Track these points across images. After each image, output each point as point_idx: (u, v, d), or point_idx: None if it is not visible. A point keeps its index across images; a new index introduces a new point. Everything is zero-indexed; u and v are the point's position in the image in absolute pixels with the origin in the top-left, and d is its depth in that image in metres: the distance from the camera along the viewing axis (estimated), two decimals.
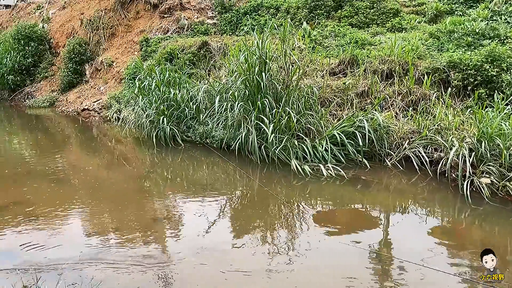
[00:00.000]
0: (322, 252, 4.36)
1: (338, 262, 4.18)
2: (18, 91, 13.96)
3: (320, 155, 6.58)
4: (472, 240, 4.67)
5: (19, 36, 13.69)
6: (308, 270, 4.02)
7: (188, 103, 8.21)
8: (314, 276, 3.92)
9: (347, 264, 4.12)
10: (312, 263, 4.13)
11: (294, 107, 7.03)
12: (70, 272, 3.91)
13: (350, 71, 8.10)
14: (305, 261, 4.15)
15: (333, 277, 3.88)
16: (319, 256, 4.27)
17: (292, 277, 3.91)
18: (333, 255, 4.32)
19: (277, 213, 5.51)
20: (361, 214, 5.38)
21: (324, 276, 3.91)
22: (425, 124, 6.50)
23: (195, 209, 5.53)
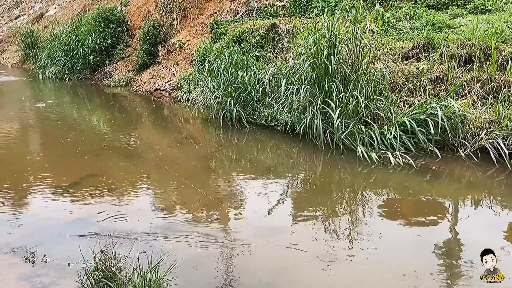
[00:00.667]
0: (384, 242, 4.26)
1: (400, 255, 4.06)
2: (98, 70, 14.92)
3: (388, 142, 6.37)
4: None
5: (100, 19, 14.55)
6: (368, 260, 3.96)
7: (255, 85, 8.29)
8: (374, 266, 3.86)
9: (408, 258, 3.99)
10: (373, 253, 4.06)
11: (362, 91, 6.83)
12: (141, 241, 4.20)
13: (424, 56, 7.68)
14: (366, 251, 4.09)
15: (393, 270, 3.77)
16: (380, 246, 4.17)
17: (352, 265, 3.89)
18: (395, 247, 4.20)
19: (339, 200, 5.47)
20: (429, 206, 5.16)
21: (384, 267, 3.83)
22: (506, 114, 6.03)
23: (258, 190, 5.64)
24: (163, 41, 13.46)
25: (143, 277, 2.94)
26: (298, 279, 3.67)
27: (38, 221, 4.85)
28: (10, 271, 3.80)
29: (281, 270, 3.81)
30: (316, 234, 4.45)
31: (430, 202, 5.25)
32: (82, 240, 4.28)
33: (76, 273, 3.30)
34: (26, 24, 21.37)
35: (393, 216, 4.83)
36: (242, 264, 3.87)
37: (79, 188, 5.67)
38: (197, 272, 3.72)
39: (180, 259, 3.60)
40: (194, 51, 11.79)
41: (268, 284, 3.62)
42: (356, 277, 3.72)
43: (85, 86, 14.44)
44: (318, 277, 3.70)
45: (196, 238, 4.32)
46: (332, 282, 3.65)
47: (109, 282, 2.98)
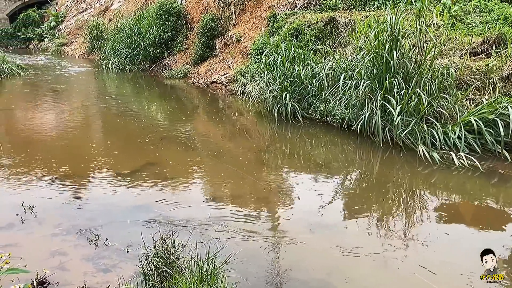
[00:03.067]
0: (439, 247, 4.07)
1: (456, 257, 3.87)
2: (157, 62, 15.41)
3: (451, 142, 6.06)
4: None
5: (161, 12, 14.98)
6: (421, 263, 3.79)
7: (311, 80, 8.18)
8: (428, 269, 3.68)
9: (465, 261, 3.78)
10: (428, 255, 3.90)
11: (425, 88, 6.53)
12: (198, 231, 4.30)
13: (495, 52, 7.20)
14: (420, 254, 3.94)
15: (449, 270, 3.60)
16: (435, 251, 4.00)
17: (406, 266, 3.75)
18: (451, 249, 4.01)
19: (396, 200, 5.28)
20: (493, 212, 4.85)
21: (438, 270, 3.65)
22: None
23: (311, 186, 5.58)
24: (220, 34, 13.63)
25: (201, 267, 3.00)
26: (352, 278, 3.60)
27: (100, 206, 5.09)
28: (76, 252, 4.03)
29: (333, 268, 3.76)
30: (369, 233, 4.35)
31: (495, 208, 4.94)
32: (142, 226, 4.45)
33: (137, 258, 3.43)
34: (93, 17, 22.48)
35: (451, 220, 4.60)
36: (294, 260, 3.85)
37: (139, 176, 5.89)
38: (251, 265, 3.75)
39: (236, 251, 3.64)
40: (250, 45, 11.84)
41: (321, 281, 3.57)
42: (408, 278, 3.59)
43: (145, 77, 14.97)
44: (372, 276, 3.62)
45: (249, 231, 4.36)
46: (386, 282, 3.54)
47: (168, 269, 3.07)
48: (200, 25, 13.76)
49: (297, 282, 3.56)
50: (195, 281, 2.84)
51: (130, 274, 3.56)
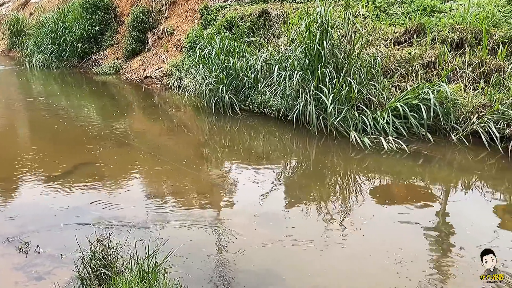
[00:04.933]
0: (377, 226, 4.31)
1: (393, 238, 4.10)
2: (86, 58, 14.69)
3: (381, 127, 6.39)
4: None
5: (87, 5, 14.27)
6: (362, 243, 4.00)
7: (247, 72, 8.23)
8: (368, 249, 3.89)
9: (401, 241, 4.02)
10: (366, 236, 4.10)
11: (355, 77, 6.83)
12: (137, 229, 4.19)
13: (416, 40, 7.68)
14: (360, 234, 4.13)
15: (387, 253, 3.82)
16: (374, 230, 4.23)
17: (347, 248, 3.92)
18: (388, 231, 4.24)
19: (333, 185, 5.49)
20: (421, 190, 5.21)
21: (377, 250, 3.86)
22: (497, 98, 6.07)
23: (252, 177, 5.63)
24: (152, 27, 13.27)
25: (141, 265, 2.93)
26: (296, 265, 3.69)
27: (30, 211, 4.79)
28: (4, 262, 3.77)
29: (278, 256, 3.82)
30: (310, 219, 4.49)
31: (423, 186, 5.30)
32: (77, 229, 4.25)
33: (72, 263, 3.28)
34: (11, 11, 20.89)
35: (385, 200, 4.87)
36: (238, 251, 3.88)
37: (72, 177, 5.61)
38: (194, 259, 3.73)
39: (177, 247, 3.60)
40: (184, 38, 11.65)
41: (267, 270, 3.63)
42: (351, 259, 3.77)
43: (73, 74, 14.22)
44: (315, 261, 3.73)
45: (191, 225, 4.32)
46: (328, 266, 3.68)
47: (106, 271, 2.96)
48: (130, 19, 13.30)
49: (241, 273, 3.59)
50: (135, 280, 2.77)
51: (65, 280, 3.39)
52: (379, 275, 3.53)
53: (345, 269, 3.66)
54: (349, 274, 3.59)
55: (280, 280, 3.49)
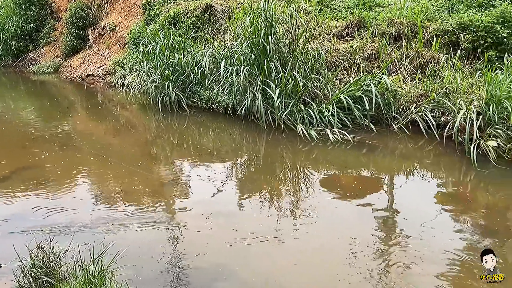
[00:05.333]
0: (327, 216, 4.43)
1: (344, 225, 4.25)
2: (22, 57, 13.86)
3: (326, 119, 6.55)
4: (476, 203, 4.71)
5: (20, 1, 13.46)
6: (313, 233, 4.10)
7: (193, 68, 8.13)
8: (319, 239, 4.00)
9: (352, 227, 4.18)
10: (317, 226, 4.21)
11: (300, 71, 6.94)
12: (82, 233, 4.02)
13: (357, 34, 7.93)
14: (310, 224, 4.23)
15: (339, 240, 3.95)
16: (324, 221, 4.33)
17: (298, 239, 4.00)
18: (338, 219, 4.39)
19: (283, 178, 5.57)
20: (367, 178, 5.42)
21: (330, 239, 3.98)
22: (433, 88, 6.41)
23: (202, 174, 5.59)
24: (92, 24, 12.75)
25: (86, 270, 2.82)
26: (249, 260, 3.71)
27: None
28: None
29: (231, 252, 3.82)
30: (262, 213, 4.52)
31: (368, 175, 5.51)
32: (17, 237, 4.01)
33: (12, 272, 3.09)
34: None
35: (334, 190, 5.01)
36: (190, 248, 3.84)
37: (10, 183, 5.29)
38: (145, 260, 3.65)
39: (127, 249, 3.50)
40: (127, 34, 11.30)
41: (219, 265, 3.62)
42: (303, 251, 3.83)
43: (8, 74, 13.37)
44: (268, 255, 3.76)
45: (142, 226, 4.22)
46: (281, 258, 3.73)
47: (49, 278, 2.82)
48: (68, 15, 12.69)
49: (194, 271, 3.56)
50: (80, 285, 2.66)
51: None
52: (331, 265, 3.62)
53: (298, 261, 3.71)
54: (302, 266, 3.65)
55: (234, 276, 3.50)
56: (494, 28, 6.68)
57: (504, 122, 5.47)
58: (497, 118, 5.47)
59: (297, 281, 3.42)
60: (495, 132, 5.41)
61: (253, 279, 3.46)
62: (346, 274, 3.48)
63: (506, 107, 5.44)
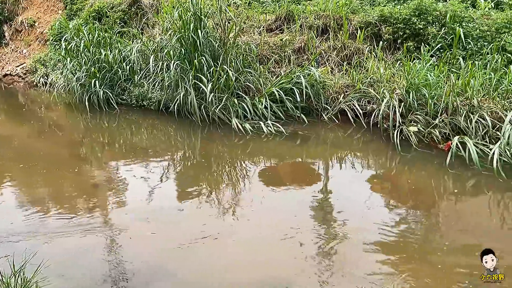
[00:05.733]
0: (268, 207, 4.48)
1: (284, 215, 4.29)
2: None
3: (260, 112, 6.62)
4: (402, 184, 5.01)
5: None
6: (253, 224, 4.13)
7: (121, 64, 7.82)
8: (261, 232, 4.01)
9: (292, 216, 4.23)
10: (258, 220, 4.22)
11: (232, 65, 6.93)
12: (2, 244, 3.73)
13: (286, 27, 8.07)
14: (252, 220, 4.24)
15: (280, 230, 3.98)
16: (264, 213, 4.37)
17: (238, 233, 4.00)
18: (279, 209, 4.44)
19: (221, 173, 5.55)
20: (302, 168, 5.57)
21: (271, 231, 4.01)
22: (358, 78, 6.71)
23: (138, 174, 5.40)
24: (8, 19, 11.81)
25: (7, 283, 2.62)
26: (188, 259, 3.63)
27: None
28: None
29: (170, 252, 3.72)
30: (201, 209, 4.47)
31: (303, 164, 5.67)
32: None
33: None
34: None
35: (272, 181, 5.09)
36: (128, 252, 3.70)
37: None
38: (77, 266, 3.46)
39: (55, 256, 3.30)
40: (47, 30, 10.61)
41: (158, 267, 3.53)
42: (243, 245, 3.83)
43: None
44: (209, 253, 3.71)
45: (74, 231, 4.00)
46: (222, 253, 3.70)
47: None
48: None
49: (130, 274, 3.44)
50: None
51: None
52: (272, 258, 3.64)
53: (239, 257, 3.69)
54: (244, 261, 3.64)
55: (172, 276, 3.43)
56: (412, 20, 7.10)
57: (423, 108, 5.85)
58: (416, 104, 5.85)
59: (238, 276, 3.41)
60: (416, 118, 5.78)
61: (192, 279, 3.41)
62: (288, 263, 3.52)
63: (424, 94, 5.82)
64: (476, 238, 3.86)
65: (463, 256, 3.60)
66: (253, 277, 3.40)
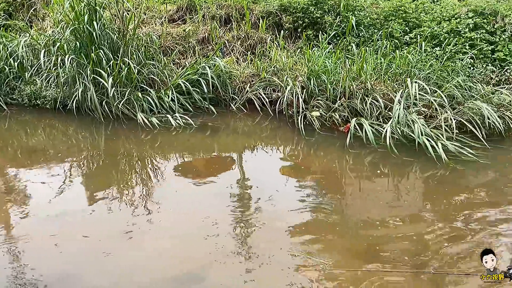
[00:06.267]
0: (183, 201, 4.41)
1: (200, 208, 4.23)
2: None
3: (167, 105, 6.46)
4: (309, 167, 5.26)
5: None
6: (170, 223, 4.00)
7: (8, 60, 7.09)
8: (177, 227, 3.93)
9: (208, 208, 4.20)
10: (173, 214, 4.14)
11: (133, 57, 6.66)
12: None
13: (189, 18, 7.95)
14: (168, 214, 4.13)
15: (196, 224, 3.93)
16: (181, 206, 4.30)
17: (155, 229, 3.88)
18: (194, 202, 4.37)
19: (131, 171, 5.33)
20: (215, 159, 5.57)
21: (188, 225, 3.95)
22: (263, 67, 6.85)
23: (39, 178, 4.95)
24: None
25: None
26: (98, 263, 3.45)
27: None
28: None
29: (78, 258, 3.50)
30: (112, 212, 4.23)
31: (216, 155, 5.67)
32: None
33: None
34: None
35: (186, 174, 5.02)
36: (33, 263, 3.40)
37: None
38: None
39: None
40: None
41: (70, 276, 3.29)
42: (158, 240, 3.72)
43: None
44: (120, 253, 3.57)
45: None
46: (136, 253, 3.57)
47: None
48: None
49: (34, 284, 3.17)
50: None
51: None
52: (188, 252, 3.57)
53: (153, 255, 3.56)
54: (158, 258, 3.52)
55: (82, 282, 3.23)
56: (309, 9, 7.42)
57: (324, 94, 6.17)
58: (317, 90, 6.14)
59: (153, 276, 3.30)
60: (318, 103, 6.08)
61: (105, 284, 3.25)
62: (205, 256, 3.48)
63: (323, 80, 6.14)
64: (377, 209, 4.20)
65: (367, 226, 3.90)
66: (169, 274, 3.33)
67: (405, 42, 7.16)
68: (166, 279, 3.28)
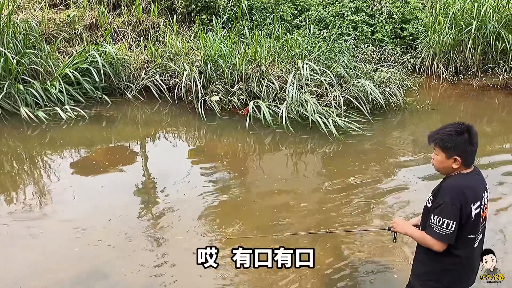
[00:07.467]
0: (85, 196, 4.16)
1: (102, 203, 4.04)
2: None
3: (55, 97, 5.99)
4: (213, 151, 5.29)
5: None
6: (72, 220, 3.74)
7: None
8: (79, 224, 3.67)
9: (112, 201, 4.05)
10: (74, 212, 3.89)
11: (10, 46, 6.02)
12: None
13: (73, 2, 7.39)
14: (66, 212, 3.88)
15: (101, 219, 3.75)
16: (80, 202, 4.04)
17: (53, 234, 3.61)
18: (95, 198, 4.14)
19: (18, 171, 4.84)
20: (115, 150, 5.33)
21: (91, 221, 3.72)
22: (158, 53, 6.66)
23: None
24: None
25: None
26: None
27: None
28: None
29: None
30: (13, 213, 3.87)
31: (115, 146, 5.42)
32: None
33: None
34: None
35: (86, 169, 4.74)
36: None
37: None
38: None
39: None
40: None
41: None
42: (58, 240, 3.50)
43: None
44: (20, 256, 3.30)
45: None
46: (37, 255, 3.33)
47: None
48: None
49: None
50: None
51: None
52: (92, 249, 3.39)
53: (54, 256, 3.36)
54: (60, 259, 3.31)
55: None
56: None
57: (222, 78, 6.21)
58: (215, 75, 6.16)
59: (57, 276, 3.10)
60: (216, 88, 6.11)
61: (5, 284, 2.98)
62: (109, 251, 3.35)
63: (220, 65, 6.17)
64: (279, 183, 4.40)
65: (273, 198, 4.12)
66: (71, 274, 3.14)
67: (296, 25, 7.50)
68: (71, 279, 3.09)
